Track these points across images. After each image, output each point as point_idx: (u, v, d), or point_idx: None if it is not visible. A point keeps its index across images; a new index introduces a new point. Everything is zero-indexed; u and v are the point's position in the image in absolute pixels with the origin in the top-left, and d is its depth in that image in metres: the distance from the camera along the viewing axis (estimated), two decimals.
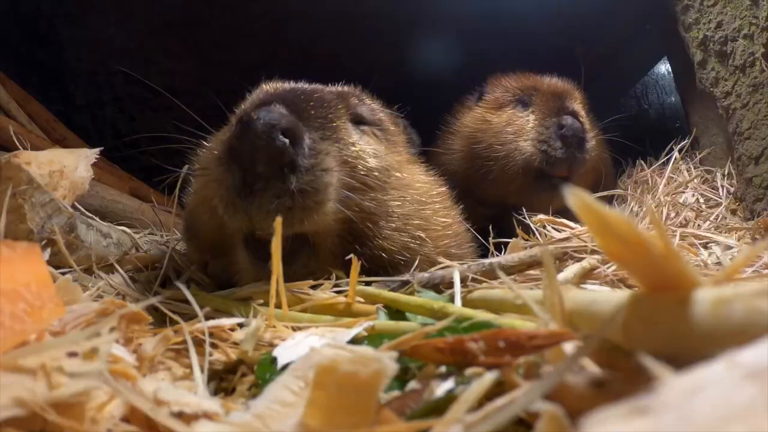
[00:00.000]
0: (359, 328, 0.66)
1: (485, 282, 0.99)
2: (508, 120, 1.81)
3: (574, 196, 0.40)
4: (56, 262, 1.04)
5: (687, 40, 1.77)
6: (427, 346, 0.45)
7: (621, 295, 0.41)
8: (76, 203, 1.33)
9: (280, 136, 0.83)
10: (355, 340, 0.66)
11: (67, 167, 1.13)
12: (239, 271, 1.01)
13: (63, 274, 1.03)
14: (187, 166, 1.14)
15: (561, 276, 0.96)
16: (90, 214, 1.35)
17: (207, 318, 0.94)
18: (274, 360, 0.63)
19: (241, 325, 0.86)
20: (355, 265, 0.81)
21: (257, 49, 2.32)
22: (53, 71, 2.25)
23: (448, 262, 1.18)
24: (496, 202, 1.88)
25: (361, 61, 2.45)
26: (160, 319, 0.95)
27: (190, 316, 0.99)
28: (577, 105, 1.84)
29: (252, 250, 0.96)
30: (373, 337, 0.64)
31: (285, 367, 0.60)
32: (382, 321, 0.73)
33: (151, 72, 2.29)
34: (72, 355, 0.52)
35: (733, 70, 1.65)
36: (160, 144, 1.19)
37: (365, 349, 0.42)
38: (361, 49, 2.37)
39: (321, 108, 0.97)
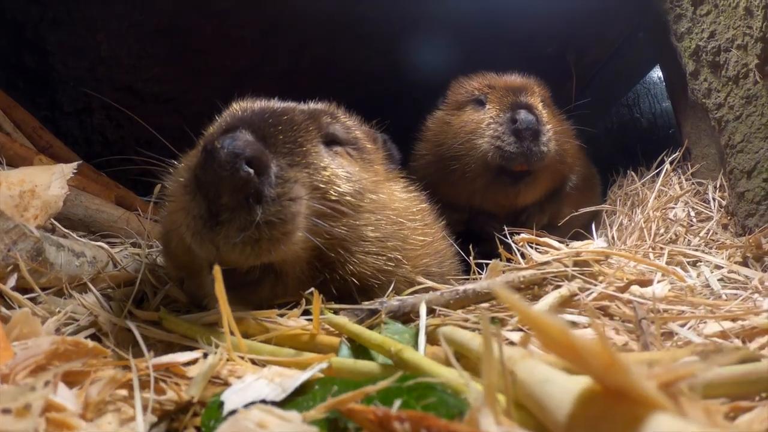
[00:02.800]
0: (312, 371, 0.64)
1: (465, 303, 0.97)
2: (466, 120, 1.82)
3: (508, 298, 0.37)
4: (25, 285, 1.03)
5: (679, 49, 1.72)
6: (360, 413, 0.43)
7: (575, 383, 0.38)
8: (53, 220, 1.32)
9: (245, 166, 0.81)
10: (307, 383, 0.64)
11: (39, 186, 1.12)
12: (207, 295, 1.00)
13: (31, 299, 1.02)
14: (159, 186, 1.13)
15: (539, 305, 0.94)
16: (66, 231, 1.34)
17: (169, 348, 0.93)
18: (221, 405, 0.61)
19: (206, 355, 0.85)
20: (317, 299, 0.79)
21: (246, 56, 2.30)
22: (40, 77, 2.23)
23: (426, 283, 1.16)
24: (465, 205, 1.89)
25: (351, 67, 2.43)
26: (132, 341, 0.94)
27: (158, 340, 0.98)
28: (534, 99, 1.82)
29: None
30: (325, 382, 0.62)
31: (232, 413, 0.58)
32: (341, 359, 0.71)
33: (139, 79, 2.28)
34: (6, 412, 0.50)
35: (726, 82, 1.61)
36: (149, 151, 1.18)
37: (292, 415, 0.41)
38: (351, 56, 2.34)
39: (290, 131, 0.95)
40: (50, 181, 1.16)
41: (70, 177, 1.23)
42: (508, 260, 1.30)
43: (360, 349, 0.79)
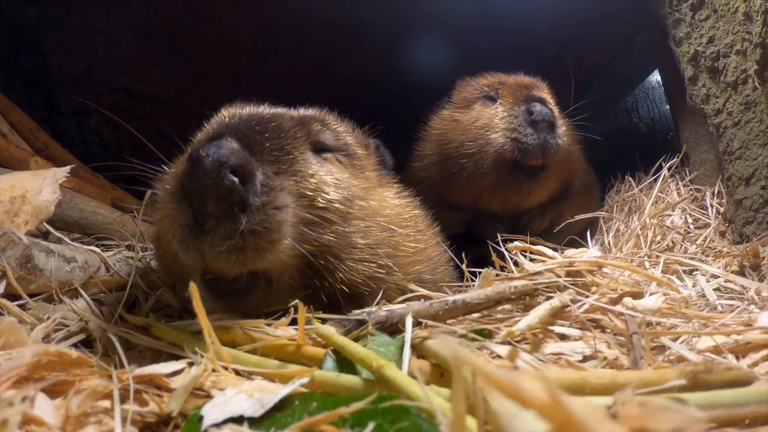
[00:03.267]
0: (293, 386, 0.64)
1: (457, 314, 0.95)
2: (477, 116, 1.79)
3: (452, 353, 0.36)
4: (14, 292, 1.02)
5: (678, 54, 1.71)
6: None
7: (543, 423, 0.36)
8: (46, 224, 1.31)
9: (229, 175, 0.80)
10: (288, 397, 0.63)
11: (30, 191, 1.11)
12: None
13: (20, 306, 1.02)
14: (150, 192, 1.12)
15: (530, 316, 0.92)
16: (60, 234, 1.33)
17: (157, 355, 0.93)
18: (201, 419, 0.61)
19: (191, 364, 0.84)
20: (301, 310, 0.79)
21: (244, 58, 2.29)
22: (38, 78, 2.23)
23: (418, 291, 1.15)
24: (469, 206, 1.86)
25: (349, 70, 2.42)
26: (124, 345, 0.94)
27: (146, 347, 0.98)
28: (545, 94, 1.82)
29: (209, 285, 0.94)
30: (305, 398, 0.61)
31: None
32: (324, 373, 0.71)
33: (137, 80, 2.27)
34: None
35: (724, 87, 1.60)
36: (145, 151, 1.17)
37: None
38: (349, 58, 2.34)
39: (277, 139, 0.94)
40: (41, 186, 1.16)
41: (66, 179, 1.23)
42: (502, 268, 1.29)
43: (346, 361, 0.79)
